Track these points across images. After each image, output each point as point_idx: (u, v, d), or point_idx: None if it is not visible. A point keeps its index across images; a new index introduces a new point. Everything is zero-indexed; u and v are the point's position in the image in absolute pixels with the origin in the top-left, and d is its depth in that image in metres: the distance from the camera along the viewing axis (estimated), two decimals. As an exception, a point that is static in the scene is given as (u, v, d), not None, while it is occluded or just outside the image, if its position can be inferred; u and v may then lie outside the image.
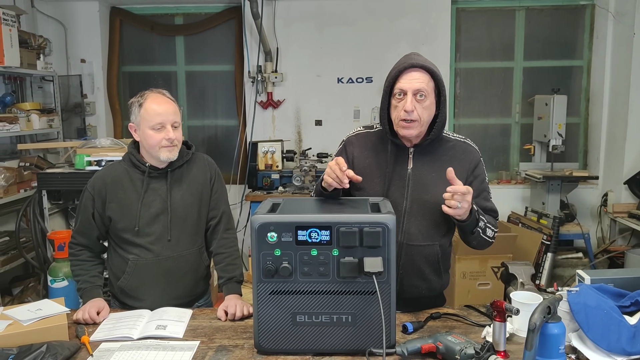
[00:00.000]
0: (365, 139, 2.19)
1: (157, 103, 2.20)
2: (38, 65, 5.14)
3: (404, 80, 1.98)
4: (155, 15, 6.01)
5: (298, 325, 1.72)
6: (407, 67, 1.98)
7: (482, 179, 2.15)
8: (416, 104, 1.97)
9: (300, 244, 1.69)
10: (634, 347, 1.63)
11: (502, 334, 1.71)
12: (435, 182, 2.06)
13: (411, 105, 1.96)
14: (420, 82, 1.97)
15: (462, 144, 2.16)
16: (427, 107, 2.00)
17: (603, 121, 5.51)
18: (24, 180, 4.65)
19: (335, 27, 5.64)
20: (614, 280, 1.96)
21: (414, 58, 2.01)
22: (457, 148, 2.13)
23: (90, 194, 2.27)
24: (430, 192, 2.06)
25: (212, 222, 2.39)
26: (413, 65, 1.98)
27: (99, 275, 2.34)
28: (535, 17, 5.72)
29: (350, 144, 2.20)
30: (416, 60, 1.99)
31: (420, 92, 1.97)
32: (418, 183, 2.08)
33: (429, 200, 2.06)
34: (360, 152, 2.16)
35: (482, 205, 2.12)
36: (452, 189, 1.88)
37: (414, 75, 1.98)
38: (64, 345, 1.78)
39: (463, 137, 2.19)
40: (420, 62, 1.98)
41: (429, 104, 2.00)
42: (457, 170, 2.00)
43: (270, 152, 5.31)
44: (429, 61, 2.03)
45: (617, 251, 5.06)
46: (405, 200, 2.08)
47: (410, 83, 1.97)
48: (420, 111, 1.98)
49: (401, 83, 1.99)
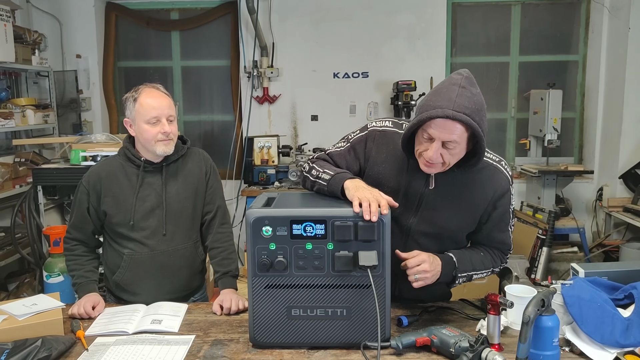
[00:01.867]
0: (389, 139, 1.94)
1: (152, 97, 2.20)
2: (33, 60, 5.13)
3: (435, 127, 1.70)
4: (151, 10, 5.99)
5: (293, 319, 1.73)
6: (442, 116, 1.66)
7: (504, 210, 1.95)
8: (443, 151, 1.73)
9: (295, 238, 1.69)
10: (627, 339, 1.64)
11: (497, 327, 1.72)
12: (451, 205, 1.91)
13: (436, 155, 1.73)
14: (453, 134, 1.69)
15: (493, 168, 1.92)
16: (456, 154, 1.77)
17: (598, 116, 5.53)
18: (20, 175, 4.64)
19: (331, 22, 5.63)
20: (607, 273, 1.97)
21: (455, 101, 1.67)
22: (485, 172, 1.91)
23: (85, 188, 2.27)
24: (443, 216, 1.92)
25: (207, 216, 2.39)
26: (449, 116, 1.65)
27: (94, 270, 2.33)
28: (530, 11, 5.72)
29: (372, 140, 1.96)
30: (455, 109, 1.66)
31: (451, 142, 1.72)
32: (432, 203, 1.91)
33: (438, 223, 1.93)
34: (379, 153, 1.95)
35: (493, 235, 2.00)
36: (407, 264, 1.80)
37: (448, 127, 1.69)
38: (59, 339, 1.78)
39: (497, 159, 1.95)
40: (458, 115, 1.65)
41: (458, 152, 1.76)
42: (478, 198, 1.91)
43: (266, 147, 5.30)
44: (473, 101, 1.70)
45: (612, 245, 5.07)
46: (413, 217, 1.94)
47: (440, 134, 1.70)
48: (447, 157, 1.75)
49: (431, 130, 1.71)
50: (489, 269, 2.01)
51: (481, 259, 1.99)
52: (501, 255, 2.05)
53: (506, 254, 2.07)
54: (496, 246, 2.04)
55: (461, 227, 1.97)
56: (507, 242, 2.02)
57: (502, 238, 2.01)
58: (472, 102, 1.69)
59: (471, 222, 1.97)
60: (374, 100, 5.68)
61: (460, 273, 1.92)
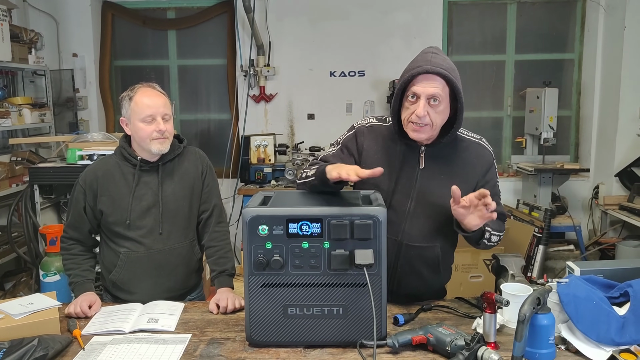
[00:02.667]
0: (377, 132, 2.09)
1: (147, 96, 2.20)
2: (30, 59, 5.12)
3: (418, 84, 1.88)
4: (148, 9, 5.98)
5: (289, 317, 1.73)
6: (422, 72, 1.86)
7: (494, 183, 2.08)
8: (429, 109, 1.88)
9: (291, 237, 1.69)
10: (622, 337, 1.65)
11: (493, 326, 1.72)
12: (444, 184, 1.98)
13: (423, 110, 1.87)
14: (435, 87, 1.86)
15: (476, 145, 2.08)
16: (441, 112, 1.91)
17: (594, 114, 5.54)
18: (16, 174, 4.64)
19: (327, 20, 5.63)
20: (603, 271, 1.97)
21: (431, 61, 1.88)
22: (470, 150, 2.06)
23: (81, 187, 2.27)
24: (437, 194, 2.01)
25: (203, 215, 2.39)
26: (428, 71, 1.85)
27: (90, 269, 2.33)
28: (526, 10, 5.73)
29: (362, 135, 2.09)
30: (432, 65, 1.86)
31: (435, 97, 1.87)
32: (425, 184, 2.02)
33: (435, 202, 2.01)
34: (370, 145, 2.07)
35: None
36: (480, 194, 1.81)
37: (429, 80, 1.87)
38: (55, 339, 1.78)
39: (478, 137, 2.11)
40: (436, 68, 1.85)
41: (442, 109, 1.91)
42: (469, 174, 2.02)
43: (263, 145, 5.31)
44: (447, 62, 1.91)
45: (608, 243, 5.09)
46: (410, 201, 2.03)
47: (424, 88, 1.87)
48: (433, 116, 1.89)
49: (415, 87, 1.88)
50: (499, 231, 2.09)
51: (495, 222, 2.04)
52: (502, 224, 2.13)
53: (504, 221, 2.16)
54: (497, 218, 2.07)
55: None
56: (503, 212, 2.13)
57: (499, 209, 2.05)
58: (446, 62, 1.90)
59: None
60: (371, 99, 5.69)
61: (487, 226, 1.98)
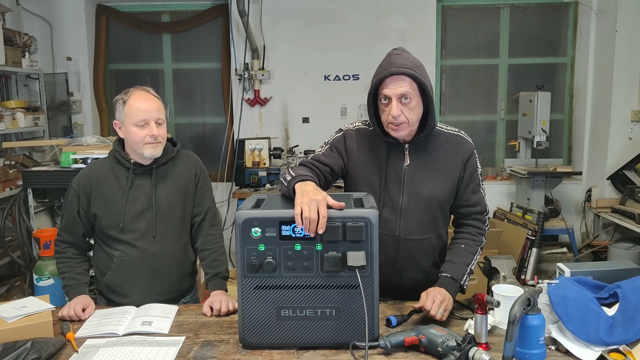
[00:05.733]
0: (363, 134, 2.18)
1: (140, 100, 2.21)
2: (23, 63, 5.12)
3: (387, 87, 1.98)
4: (142, 12, 5.99)
5: (282, 319, 1.74)
6: (388, 75, 1.96)
7: (473, 170, 2.16)
8: (402, 107, 1.97)
9: (284, 239, 1.70)
10: (611, 337, 1.66)
11: (484, 326, 1.74)
12: (431, 176, 2.10)
13: (397, 110, 1.96)
14: (403, 86, 1.96)
15: (456, 136, 2.17)
16: (414, 108, 2.00)
17: (587, 117, 5.58)
18: (10, 178, 4.63)
19: (321, 24, 5.65)
20: (593, 272, 1.99)
21: (394, 62, 1.98)
22: (450, 141, 2.15)
23: (75, 191, 2.28)
24: (426, 187, 2.10)
25: (197, 218, 2.39)
26: (393, 73, 1.95)
27: (84, 272, 2.33)
28: (519, 14, 5.77)
29: (350, 137, 2.18)
30: (396, 67, 1.96)
31: (404, 96, 1.96)
32: (414, 178, 2.10)
33: (425, 194, 2.10)
34: (358, 147, 2.16)
35: (468, 197, 2.16)
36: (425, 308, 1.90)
37: (396, 81, 1.96)
38: (48, 341, 1.78)
39: (456, 130, 2.20)
40: (400, 69, 1.95)
41: (414, 105, 1.99)
42: (452, 163, 2.11)
43: (258, 149, 5.30)
44: (410, 60, 2.01)
45: (600, 246, 5.12)
46: (402, 196, 2.10)
47: (393, 89, 1.96)
48: (407, 113, 1.98)
49: (385, 90, 1.98)
50: (477, 252, 2.16)
51: (466, 250, 2.14)
52: (479, 225, 2.19)
53: (484, 221, 2.21)
54: (474, 213, 2.19)
55: (444, 193, 2.13)
56: (482, 203, 2.19)
57: (477, 199, 2.17)
58: (409, 62, 1.99)
59: (451, 187, 2.14)
60: (365, 103, 5.67)
61: (462, 280, 2.07)
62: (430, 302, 1.90)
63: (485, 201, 2.20)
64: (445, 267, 2.09)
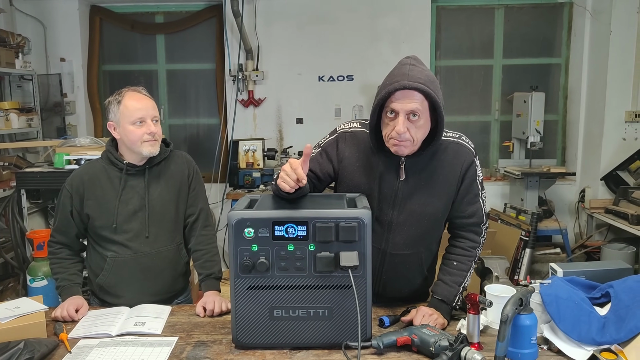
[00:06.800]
0: (359, 138, 2.02)
1: (136, 99, 2.21)
2: (17, 64, 5.10)
3: (396, 100, 1.80)
4: (136, 13, 5.98)
5: (275, 319, 1.74)
6: (400, 88, 1.78)
7: (472, 179, 2.01)
8: (409, 124, 1.81)
9: (277, 240, 1.70)
10: (603, 337, 1.67)
11: (476, 326, 1.74)
12: (426, 192, 1.98)
13: (403, 127, 1.80)
14: (414, 102, 1.79)
15: (455, 144, 1.99)
16: (421, 127, 1.84)
17: (580, 118, 5.60)
18: (3, 179, 4.61)
19: (316, 25, 5.65)
20: (585, 272, 2.00)
21: (408, 75, 1.79)
22: (449, 150, 1.98)
23: (68, 192, 2.27)
24: (420, 203, 1.98)
25: (190, 219, 2.39)
26: (406, 87, 1.77)
27: (78, 273, 2.33)
28: (514, 15, 5.79)
29: (344, 141, 2.03)
30: (410, 80, 1.78)
31: (414, 112, 1.80)
32: (408, 194, 1.98)
33: (417, 210, 1.99)
34: (352, 153, 2.02)
35: (464, 209, 2.04)
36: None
37: (407, 96, 1.79)
38: (41, 342, 1.78)
39: (457, 136, 2.01)
40: (414, 84, 1.77)
41: (423, 123, 1.84)
42: (449, 175, 1.97)
43: (252, 150, 5.31)
44: (424, 73, 1.82)
45: (593, 246, 5.13)
46: (393, 211, 2.00)
47: (403, 104, 1.79)
48: (413, 131, 1.82)
49: (393, 103, 1.81)
50: (470, 268, 2.06)
51: (458, 268, 2.05)
52: (473, 238, 2.08)
53: (480, 232, 2.09)
54: (469, 225, 2.07)
55: (438, 209, 2.01)
56: (478, 214, 2.05)
57: (473, 210, 2.04)
58: (424, 75, 1.81)
59: (447, 202, 2.02)
60: (359, 103, 5.71)
61: (454, 301, 2.01)
62: (419, 318, 1.91)
63: (482, 212, 2.06)
64: (437, 289, 2.03)
